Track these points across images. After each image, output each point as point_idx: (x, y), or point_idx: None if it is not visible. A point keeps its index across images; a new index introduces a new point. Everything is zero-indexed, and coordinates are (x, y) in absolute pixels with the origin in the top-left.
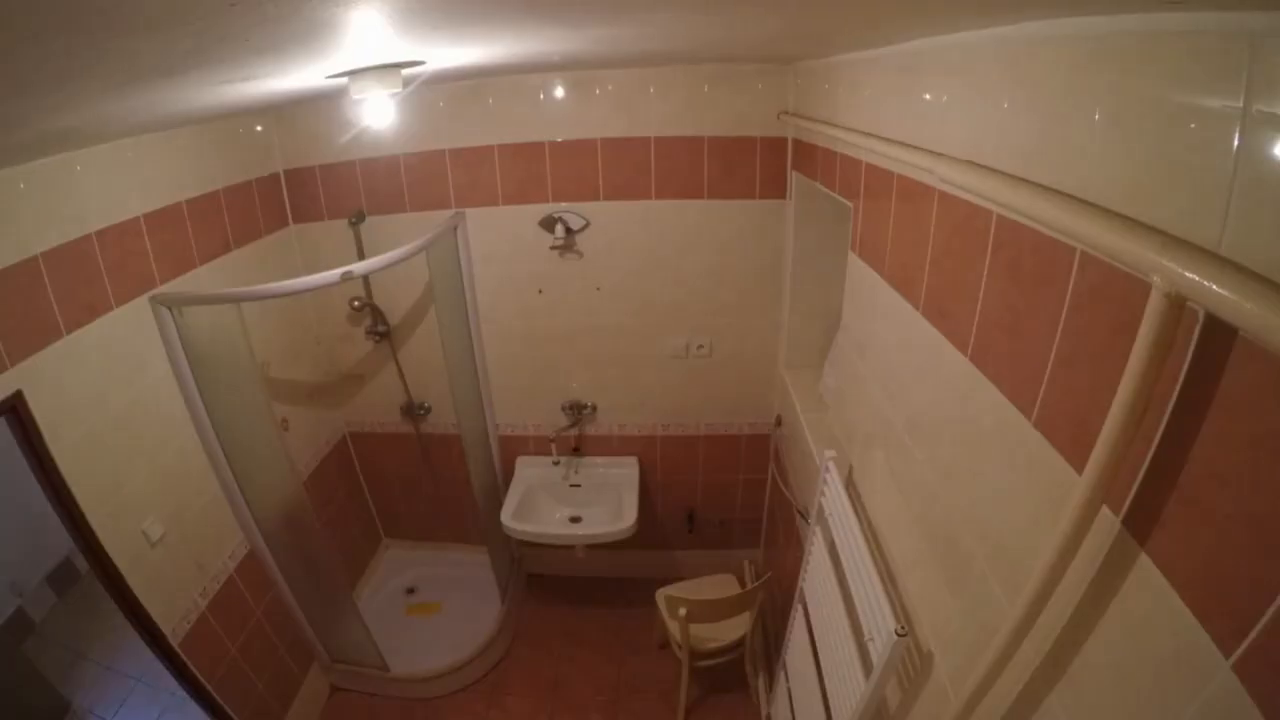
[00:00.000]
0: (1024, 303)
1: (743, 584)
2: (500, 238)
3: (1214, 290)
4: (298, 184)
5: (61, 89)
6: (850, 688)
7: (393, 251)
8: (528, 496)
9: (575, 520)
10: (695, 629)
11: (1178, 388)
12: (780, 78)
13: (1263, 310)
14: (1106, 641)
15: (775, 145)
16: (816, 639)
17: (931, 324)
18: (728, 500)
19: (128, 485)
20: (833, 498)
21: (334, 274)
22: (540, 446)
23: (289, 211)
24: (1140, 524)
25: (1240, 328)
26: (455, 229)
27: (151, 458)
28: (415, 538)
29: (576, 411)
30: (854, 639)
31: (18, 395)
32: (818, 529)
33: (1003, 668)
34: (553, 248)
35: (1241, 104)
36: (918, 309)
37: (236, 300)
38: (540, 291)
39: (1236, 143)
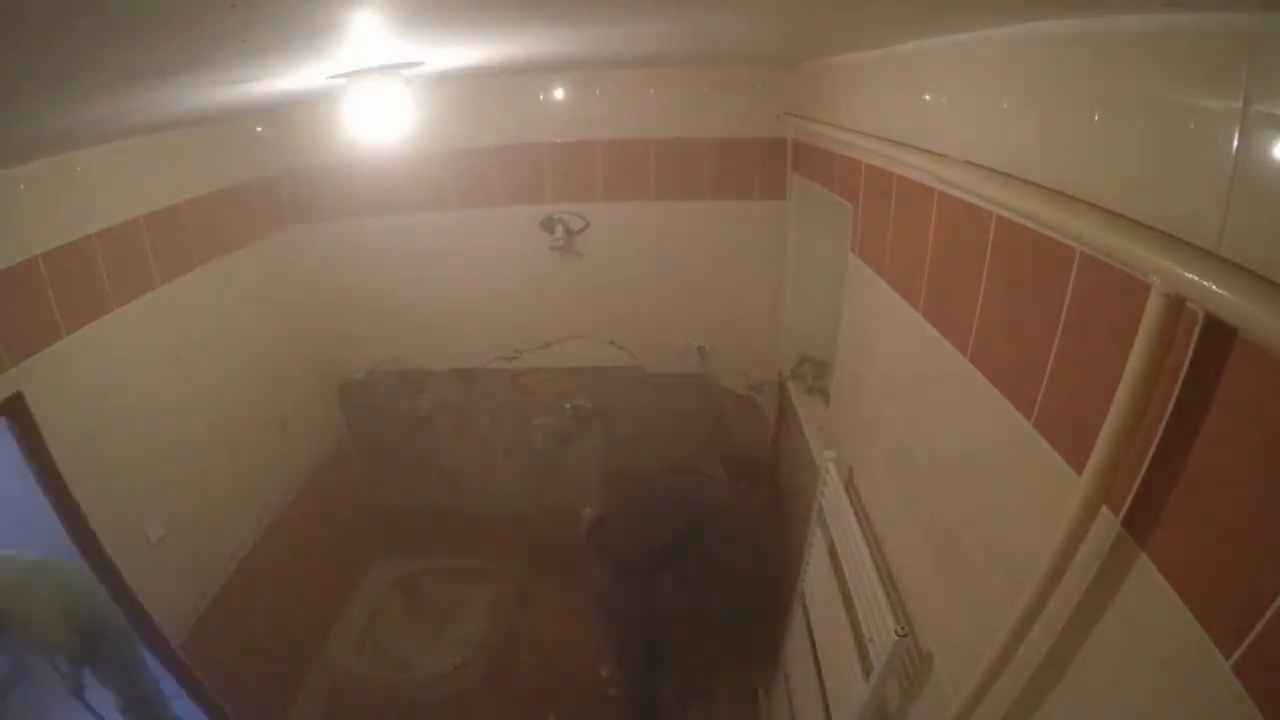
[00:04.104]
0: (1024, 303)
1: None
2: (500, 239)
3: (1213, 290)
4: (298, 184)
5: (61, 89)
6: (850, 688)
7: None
8: None
9: None
10: None
11: (1177, 388)
12: (780, 78)
13: (1263, 310)
14: (1106, 642)
15: (775, 146)
16: (816, 640)
17: (931, 324)
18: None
19: (128, 486)
20: (832, 498)
21: None
22: None
23: (289, 212)
24: (1140, 524)
25: (1240, 328)
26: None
27: (152, 458)
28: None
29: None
30: (854, 640)
31: (18, 395)
32: (818, 530)
33: (1003, 668)
34: (552, 249)
35: (1241, 104)
36: (917, 309)
37: None
38: (540, 293)
39: (1236, 143)
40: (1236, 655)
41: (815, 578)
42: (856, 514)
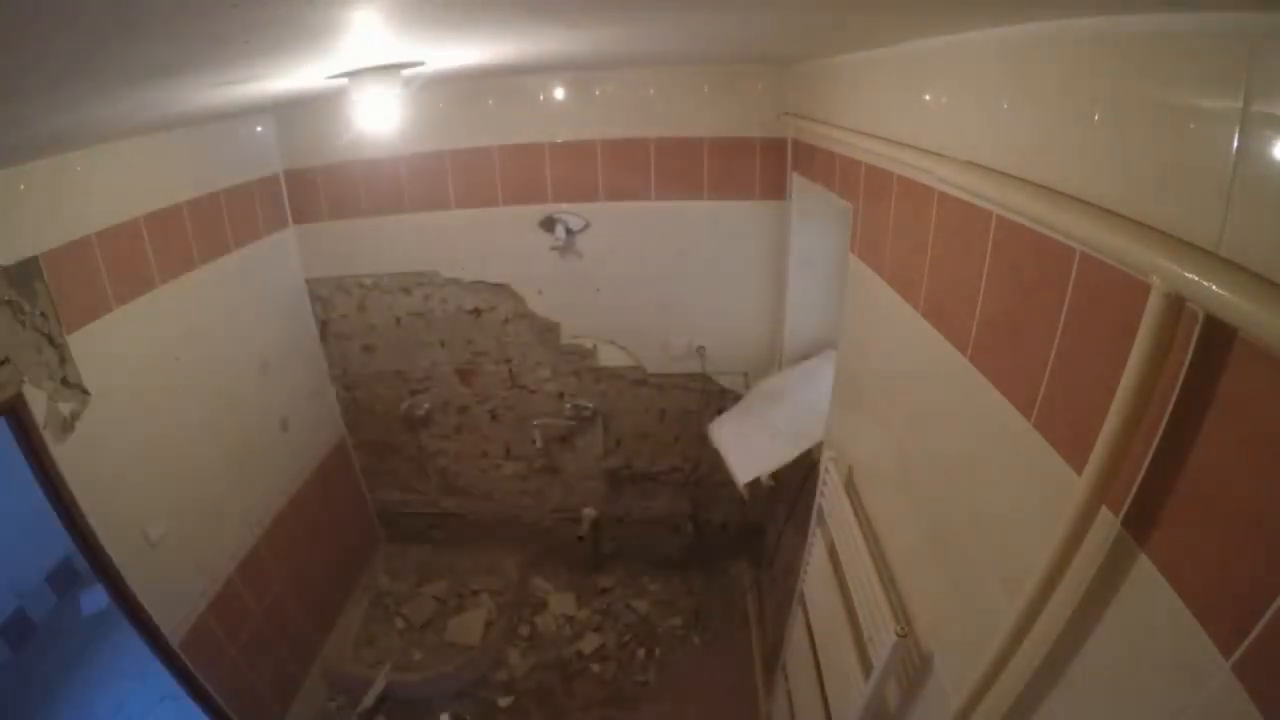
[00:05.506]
0: (1024, 303)
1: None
2: (500, 239)
3: (1213, 290)
4: (298, 184)
5: (62, 90)
6: (850, 688)
7: None
8: None
9: None
10: None
11: (1177, 388)
12: (780, 79)
13: (1263, 310)
14: (1106, 642)
15: (775, 146)
16: (816, 640)
17: (931, 325)
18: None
19: (128, 486)
20: (832, 498)
21: None
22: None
23: (289, 212)
24: (1140, 524)
25: (1240, 328)
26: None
27: (152, 459)
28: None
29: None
30: (854, 640)
31: (18, 396)
32: (818, 530)
33: (1003, 668)
34: (552, 249)
35: (1241, 104)
36: (918, 310)
37: None
38: (540, 293)
39: (1236, 143)
40: (1236, 655)
41: (815, 578)
42: (856, 514)
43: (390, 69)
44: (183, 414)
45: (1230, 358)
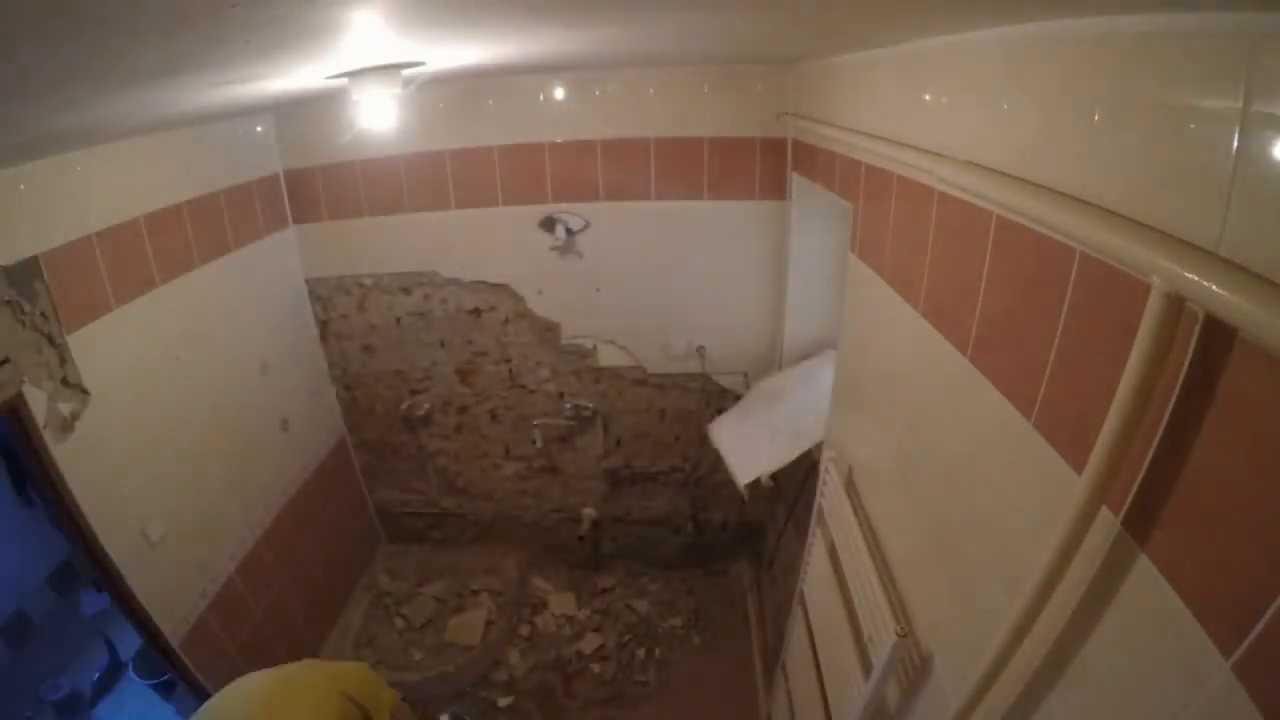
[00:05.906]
0: (1024, 303)
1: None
2: (500, 239)
3: (1213, 290)
4: (298, 184)
5: (61, 90)
6: (850, 688)
7: None
8: None
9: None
10: None
11: (1177, 388)
12: (780, 79)
13: (1263, 310)
14: (1106, 642)
15: (775, 146)
16: (816, 640)
17: (931, 325)
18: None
19: (128, 486)
20: (832, 498)
21: None
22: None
23: (289, 212)
24: (1140, 524)
25: (1240, 328)
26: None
27: (152, 459)
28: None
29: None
30: (854, 640)
31: (18, 395)
32: (818, 530)
33: (1003, 668)
34: (552, 249)
35: (1241, 104)
36: (917, 309)
37: None
38: (540, 293)
39: (1236, 143)
40: (1236, 655)
41: (815, 578)
42: (856, 514)
43: (390, 69)
44: (183, 414)
45: (1230, 358)
